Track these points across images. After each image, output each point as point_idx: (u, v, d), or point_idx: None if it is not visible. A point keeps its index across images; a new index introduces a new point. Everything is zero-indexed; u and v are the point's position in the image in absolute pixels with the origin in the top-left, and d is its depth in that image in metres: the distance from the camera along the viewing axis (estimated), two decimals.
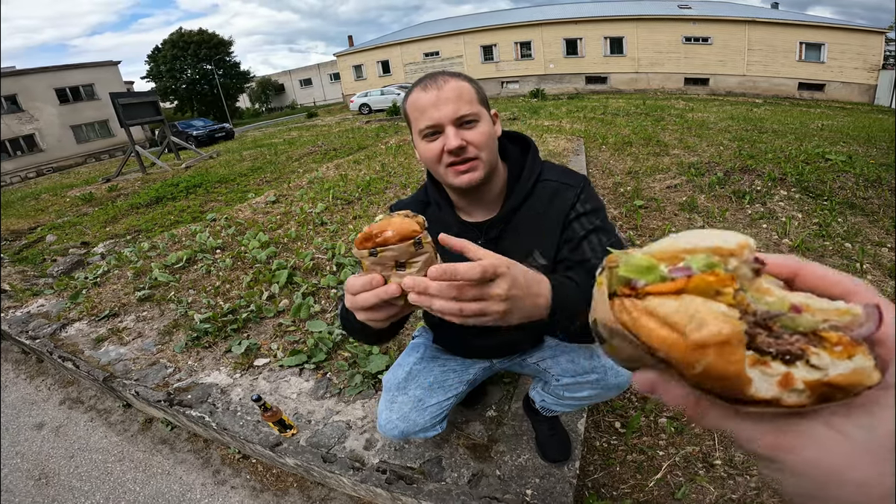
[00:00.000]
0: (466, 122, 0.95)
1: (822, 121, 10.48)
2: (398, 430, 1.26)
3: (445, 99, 0.93)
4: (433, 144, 0.96)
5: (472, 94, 0.96)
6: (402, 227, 0.65)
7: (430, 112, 0.94)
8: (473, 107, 0.95)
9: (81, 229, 6.01)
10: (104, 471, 1.95)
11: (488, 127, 0.98)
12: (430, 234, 0.73)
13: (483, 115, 0.97)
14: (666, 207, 3.98)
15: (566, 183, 1.06)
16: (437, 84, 0.94)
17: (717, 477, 1.52)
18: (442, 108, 0.93)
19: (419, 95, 0.96)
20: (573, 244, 1.01)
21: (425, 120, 0.95)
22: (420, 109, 0.95)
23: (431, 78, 0.97)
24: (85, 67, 26.02)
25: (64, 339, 2.83)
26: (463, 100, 0.94)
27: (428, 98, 0.94)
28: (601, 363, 1.13)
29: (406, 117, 1.02)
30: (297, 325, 2.59)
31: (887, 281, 2.56)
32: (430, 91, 0.94)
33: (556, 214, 1.04)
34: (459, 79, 0.97)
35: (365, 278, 0.67)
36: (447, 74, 0.97)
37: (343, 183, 5.76)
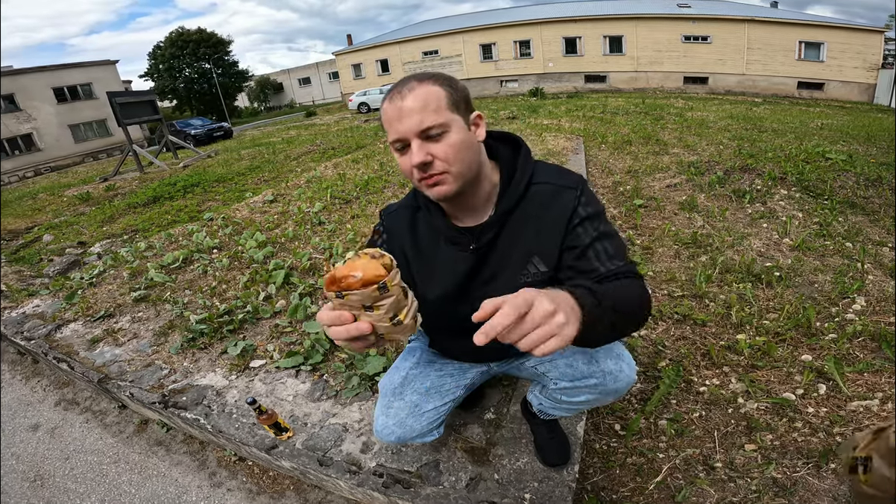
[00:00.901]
0: (432, 135, 0.89)
1: (822, 120, 10.46)
2: (395, 435, 1.24)
3: (409, 110, 0.88)
4: (403, 158, 0.93)
5: (441, 100, 0.89)
6: (367, 272, 0.66)
7: (395, 125, 0.90)
8: (440, 115, 0.88)
9: (78, 229, 5.98)
10: (99, 473, 1.93)
11: (460, 136, 0.91)
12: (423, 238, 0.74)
13: (453, 124, 0.90)
14: (666, 206, 3.96)
15: (564, 185, 1.01)
16: (402, 94, 0.89)
17: (717, 480, 1.50)
18: (405, 121, 0.88)
19: (387, 107, 0.92)
20: (578, 252, 0.97)
21: (392, 133, 0.91)
22: (387, 121, 0.92)
23: (399, 86, 0.91)
24: (83, 66, 25.96)
25: (59, 339, 2.81)
26: (428, 110, 0.88)
27: (392, 110, 0.90)
28: (600, 368, 1.10)
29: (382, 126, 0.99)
30: (293, 325, 2.57)
31: (888, 281, 2.54)
32: (394, 102, 0.90)
33: (555, 218, 0.99)
34: (429, 83, 0.90)
35: (334, 314, 0.71)
36: (417, 79, 0.91)
37: (341, 182, 5.74)
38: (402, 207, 1.15)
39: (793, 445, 1.59)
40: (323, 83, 46.57)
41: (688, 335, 2.23)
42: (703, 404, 1.81)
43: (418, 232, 1.11)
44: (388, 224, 1.16)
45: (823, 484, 1.44)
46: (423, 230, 1.11)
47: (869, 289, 2.46)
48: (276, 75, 51.34)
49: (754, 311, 2.34)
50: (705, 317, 2.32)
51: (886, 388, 1.77)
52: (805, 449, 1.56)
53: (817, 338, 2.09)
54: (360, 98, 23.78)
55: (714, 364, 2.01)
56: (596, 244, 0.97)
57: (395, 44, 30.64)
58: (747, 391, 1.83)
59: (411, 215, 1.13)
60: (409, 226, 1.12)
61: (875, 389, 1.77)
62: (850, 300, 2.37)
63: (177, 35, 37.39)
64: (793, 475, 1.48)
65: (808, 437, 1.61)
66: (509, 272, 1.04)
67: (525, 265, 1.03)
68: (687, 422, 1.74)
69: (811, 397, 1.77)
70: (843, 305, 2.34)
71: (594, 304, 0.72)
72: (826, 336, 2.09)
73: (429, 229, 1.10)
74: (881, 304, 2.32)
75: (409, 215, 1.13)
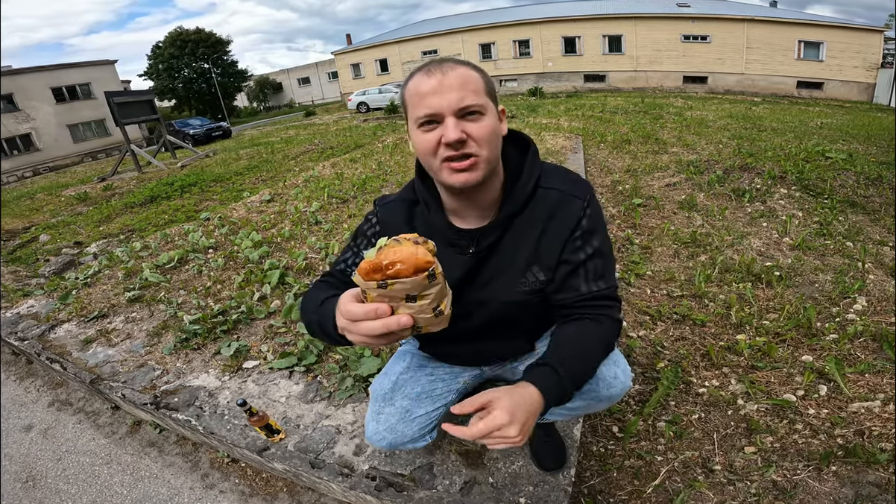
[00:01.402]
0: (469, 114, 0.85)
1: (822, 119, 10.45)
2: (386, 441, 1.21)
3: (449, 86, 0.83)
4: (429, 135, 0.86)
5: (480, 84, 0.87)
6: (416, 259, 0.61)
7: (431, 99, 0.84)
8: (480, 98, 0.86)
9: (75, 229, 5.96)
10: (91, 474, 1.91)
11: (493, 122, 0.88)
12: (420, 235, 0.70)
13: (489, 109, 0.88)
14: (665, 206, 3.94)
15: (573, 194, 0.97)
16: (443, 69, 0.85)
17: (716, 483, 1.48)
18: (445, 95, 0.83)
19: (421, 80, 0.86)
20: (571, 267, 0.97)
21: (424, 108, 0.85)
22: (420, 95, 0.85)
23: (437, 63, 0.87)
24: (82, 66, 25.91)
25: (52, 340, 2.78)
26: (468, 88, 0.84)
27: (430, 84, 0.84)
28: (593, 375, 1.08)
29: (403, 103, 0.92)
30: (287, 326, 2.54)
31: (889, 280, 2.52)
32: (433, 76, 0.84)
33: (559, 227, 0.96)
34: (468, 66, 0.88)
35: (368, 307, 0.66)
36: (454, 61, 0.88)
37: (339, 181, 5.71)
38: (398, 200, 1.09)
39: (793, 447, 1.56)
40: (322, 83, 46.54)
41: (687, 335, 2.20)
42: (703, 406, 1.79)
43: (415, 228, 1.06)
44: (382, 216, 1.10)
45: (824, 487, 1.42)
46: (420, 227, 1.06)
47: (870, 288, 2.44)
48: (275, 75, 51.29)
49: (754, 311, 2.31)
50: (705, 317, 2.29)
51: (888, 389, 1.74)
52: (806, 451, 1.54)
53: (818, 338, 2.07)
54: (360, 98, 23.76)
55: (713, 365, 1.99)
56: (588, 263, 0.96)
57: (394, 43, 30.63)
58: (747, 392, 1.81)
59: (408, 209, 1.07)
60: (405, 220, 1.07)
61: (876, 390, 1.75)
62: (850, 300, 2.35)
63: (176, 35, 37.35)
64: (793, 478, 1.46)
65: (808, 439, 1.59)
66: (507, 278, 1.01)
67: (524, 273, 1.00)
68: (686, 424, 1.72)
69: (812, 398, 1.75)
70: (844, 305, 2.31)
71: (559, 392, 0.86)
72: (827, 336, 2.07)
73: (426, 227, 1.04)
74: (882, 303, 2.30)
75: (406, 209, 1.07)
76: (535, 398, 0.81)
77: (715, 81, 23.57)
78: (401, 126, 12.56)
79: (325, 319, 0.87)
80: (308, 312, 0.96)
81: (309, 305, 0.97)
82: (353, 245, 1.12)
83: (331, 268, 1.13)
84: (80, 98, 25.62)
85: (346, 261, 1.11)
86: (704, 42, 23.36)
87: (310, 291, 1.04)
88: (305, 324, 0.98)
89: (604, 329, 0.96)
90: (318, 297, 0.95)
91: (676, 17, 23.42)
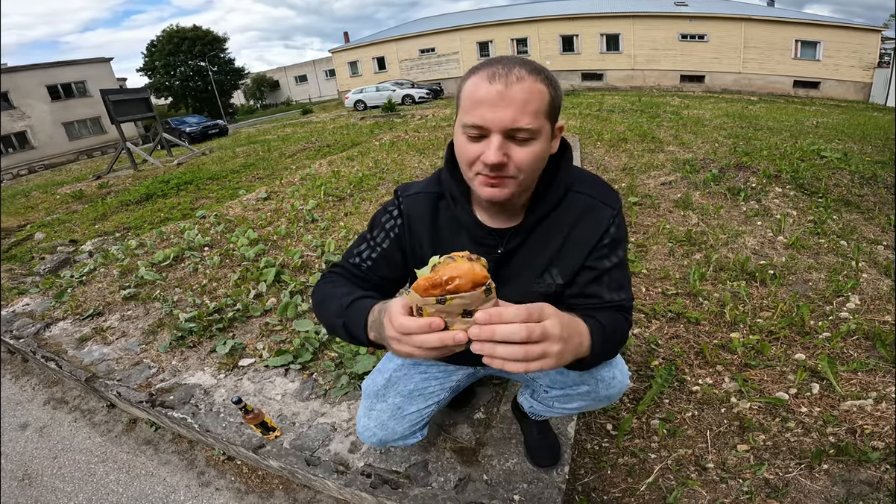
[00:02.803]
0: (519, 136, 0.78)
1: (817, 118, 10.48)
2: (376, 437, 1.21)
3: (509, 100, 0.75)
4: (472, 146, 0.81)
5: (544, 102, 0.79)
6: (474, 275, 0.62)
7: (483, 109, 0.77)
8: (537, 120, 0.78)
9: (70, 227, 5.94)
10: (87, 472, 1.91)
11: (543, 146, 0.82)
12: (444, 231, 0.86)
13: (543, 132, 0.81)
14: (660, 204, 3.95)
15: (603, 201, 0.95)
16: (508, 78, 0.76)
17: (709, 481, 1.49)
18: (499, 110, 0.76)
19: (480, 83, 0.78)
20: (595, 274, 0.96)
21: (473, 117, 0.78)
22: (474, 100, 0.78)
23: (505, 66, 0.77)
24: (77, 64, 25.79)
25: (48, 338, 2.78)
26: (528, 109, 0.76)
27: (489, 92, 0.76)
28: (592, 375, 1.06)
29: (457, 96, 0.85)
30: (283, 324, 2.54)
31: (883, 279, 2.53)
32: (495, 83, 0.76)
33: (586, 234, 0.95)
34: (537, 77, 0.78)
35: (423, 321, 0.64)
36: (525, 67, 0.78)
37: (335, 179, 5.70)
38: (423, 192, 1.04)
39: (785, 446, 1.57)
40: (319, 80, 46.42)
41: (681, 334, 2.21)
42: (696, 404, 1.80)
43: (439, 222, 1.02)
44: (406, 207, 1.04)
45: (816, 485, 1.43)
46: (445, 222, 1.02)
47: (863, 287, 2.46)
48: (272, 73, 51.10)
49: (748, 309, 2.33)
50: (699, 315, 2.30)
51: (880, 388, 1.76)
52: (798, 449, 1.55)
53: (811, 336, 2.08)
54: (357, 96, 23.71)
55: (707, 363, 2.00)
56: (613, 272, 0.96)
57: (391, 41, 30.56)
58: (740, 390, 1.82)
59: (433, 202, 1.02)
60: (430, 214, 1.02)
61: (869, 389, 1.76)
62: (844, 298, 2.36)
63: (172, 33, 37.16)
64: (785, 476, 1.47)
65: (800, 438, 1.60)
66: (525, 278, 1.00)
67: (543, 274, 0.99)
68: (679, 422, 1.73)
69: (804, 397, 1.76)
70: (838, 304, 2.33)
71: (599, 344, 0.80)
72: (820, 335, 2.08)
73: (452, 222, 1.01)
74: (875, 302, 2.32)
75: (432, 202, 1.02)
76: (584, 330, 0.77)
77: (712, 80, 23.61)
78: (398, 124, 12.55)
79: (355, 324, 0.85)
80: (331, 314, 0.92)
81: (331, 306, 0.94)
82: (369, 238, 1.07)
83: (342, 259, 1.09)
84: (76, 96, 25.50)
85: (360, 254, 1.06)
86: (702, 41, 23.39)
87: (324, 287, 1.02)
88: (327, 325, 0.95)
89: (620, 320, 0.94)
90: (338, 295, 0.93)
91: (674, 16, 23.44)
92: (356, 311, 0.86)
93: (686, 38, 23.53)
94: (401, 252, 1.05)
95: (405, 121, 13.42)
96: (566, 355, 0.68)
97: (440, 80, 28.07)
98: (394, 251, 1.04)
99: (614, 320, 0.91)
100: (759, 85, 22.79)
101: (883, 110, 16.07)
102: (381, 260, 1.05)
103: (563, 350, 0.66)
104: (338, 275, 1.05)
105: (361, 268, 1.05)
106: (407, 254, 1.05)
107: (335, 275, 1.05)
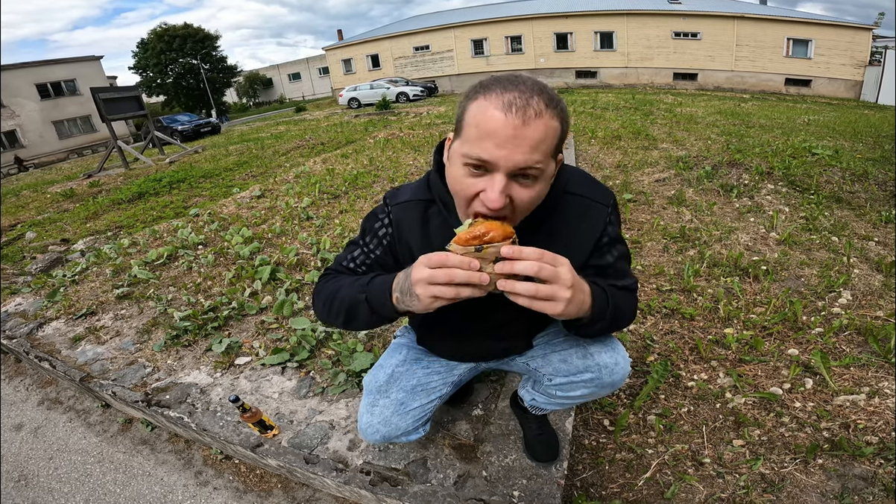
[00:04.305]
0: (525, 176, 0.75)
1: (809, 116, 10.56)
2: (379, 434, 1.21)
3: (523, 139, 0.70)
4: (470, 180, 0.77)
5: (556, 139, 0.75)
6: (504, 229, 0.73)
7: (491, 145, 0.71)
8: (545, 159, 0.75)
9: (62, 226, 5.87)
10: (84, 472, 1.90)
11: (545, 184, 0.80)
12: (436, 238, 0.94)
13: (549, 169, 0.78)
14: (654, 201, 3.97)
15: (597, 201, 0.96)
16: (526, 112, 0.70)
17: (706, 475, 1.50)
18: (511, 150, 0.71)
19: (493, 114, 0.71)
20: (599, 270, 1.00)
21: (480, 150, 0.73)
22: (483, 131, 0.72)
23: (522, 94, 0.71)
24: (67, 62, 25.58)
25: (41, 338, 2.75)
26: (540, 149, 0.72)
27: (502, 126, 0.70)
28: (595, 361, 1.07)
29: (460, 114, 0.78)
30: (279, 322, 2.53)
31: (874, 275, 2.56)
32: (510, 117, 0.70)
33: (585, 235, 0.97)
34: (553, 113, 0.73)
35: (463, 259, 0.72)
36: (544, 100, 0.72)
37: (330, 177, 5.69)
38: (412, 200, 1.01)
39: (780, 440, 1.59)
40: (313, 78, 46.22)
41: (676, 329, 2.23)
42: (692, 399, 1.81)
43: (430, 229, 0.99)
44: (396, 217, 1.02)
45: (811, 480, 1.44)
46: (436, 228, 0.99)
47: (855, 283, 2.48)
48: (265, 70, 50.81)
49: (741, 305, 2.34)
50: (693, 311, 2.32)
51: (873, 383, 1.78)
52: (792, 444, 1.57)
53: (804, 332, 2.10)
54: (351, 93, 23.64)
55: (702, 358, 2.01)
56: (616, 264, 1.00)
57: (386, 39, 30.46)
58: (735, 386, 1.83)
59: (423, 210, 1.00)
60: (420, 221, 1.00)
61: (861, 384, 1.78)
62: (836, 294, 2.38)
63: (162, 31, 36.82)
64: (781, 470, 1.48)
65: (795, 432, 1.61)
66: None
67: None
68: (675, 417, 1.74)
69: (798, 392, 1.78)
70: (830, 299, 2.35)
71: (602, 307, 0.87)
72: (812, 330, 2.10)
73: (443, 229, 0.97)
74: (867, 298, 2.34)
75: (421, 210, 1.00)
76: (587, 288, 0.82)
77: (705, 78, 23.74)
78: (392, 121, 12.52)
79: (380, 293, 0.88)
80: (350, 295, 0.95)
81: (349, 289, 0.96)
82: (362, 244, 1.07)
83: (334, 265, 1.10)
84: (66, 94, 25.29)
85: (354, 259, 1.07)
86: (695, 39, 23.51)
87: (330, 283, 1.04)
88: (346, 307, 0.96)
89: (630, 297, 1.00)
90: (352, 280, 0.98)
91: (668, 14, 23.54)
92: (379, 283, 0.90)
93: (679, 36, 23.64)
94: (393, 258, 1.06)
95: (400, 118, 13.39)
96: (573, 303, 0.75)
97: (434, 78, 28.05)
98: (387, 257, 1.06)
99: (622, 296, 0.97)
100: (752, 83, 22.94)
101: (874, 108, 16.22)
102: (376, 266, 1.06)
103: (571, 297, 0.74)
104: (338, 273, 1.07)
105: (357, 273, 1.06)
106: (399, 262, 1.05)
107: (335, 273, 1.08)
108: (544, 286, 0.72)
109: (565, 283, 0.73)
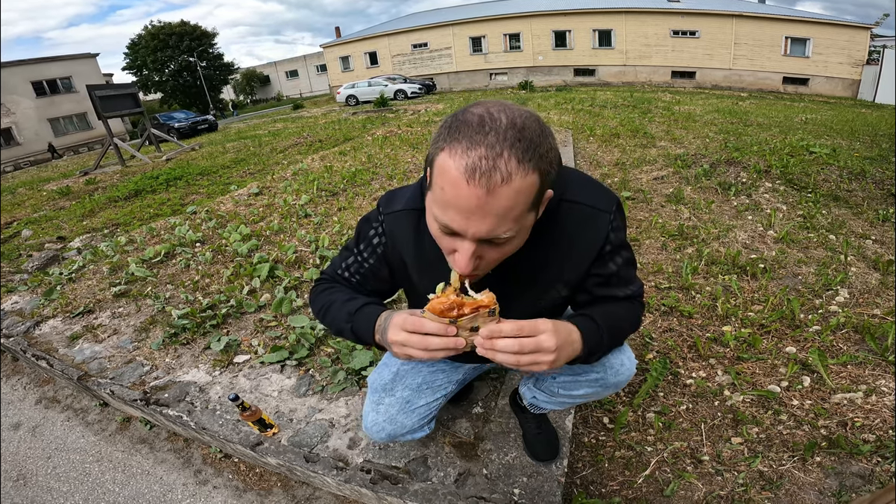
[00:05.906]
0: (497, 241, 0.71)
1: (807, 114, 10.58)
2: (385, 432, 1.21)
3: (487, 211, 0.64)
4: (446, 239, 0.74)
5: (529, 198, 0.67)
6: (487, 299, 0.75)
7: (455, 215, 0.67)
8: (517, 222, 0.68)
9: (58, 223, 5.84)
10: (82, 471, 1.89)
11: (524, 237, 0.76)
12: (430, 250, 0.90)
13: (524, 225, 0.72)
14: (653, 199, 3.97)
15: (599, 208, 0.89)
16: (491, 179, 0.61)
17: (705, 473, 1.51)
18: (476, 220, 0.65)
19: (457, 179, 0.63)
20: (602, 279, 0.96)
21: (446, 218, 0.69)
22: (447, 196, 0.66)
23: (490, 152, 0.61)
24: (62, 60, 25.45)
25: (38, 336, 2.74)
26: (509, 217, 0.66)
27: (465, 196, 0.63)
28: (601, 363, 1.06)
29: (430, 160, 0.70)
30: (278, 320, 2.53)
31: (871, 273, 2.57)
32: (472, 188, 0.62)
33: (587, 244, 0.91)
34: (528, 167, 0.63)
35: (440, 325, 0.75)
36: (515, 152, 0.62)
37: (328, 175, 5.67)
38: (406, 210, 0.96)
39: (778, 438, 1.60)
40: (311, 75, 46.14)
41: (674, 327, 2.23)
42: (690, 397, 1.82)
43: (424, 241, 0.94)
44: (389, 227, 0.99)
45: (809, 477, 1.45)
46: (430, 240, 0.89)
47: (852, 281, 2.49)
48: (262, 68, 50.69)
49: (739, 303, 2.35)
50: (692, 309, 2.32)
51: (870, 381, 1.79)
52: (790, 442, 1.57)
53: (801, 330, 2.11)
54: (349, 91, 23.58)
55: (700, 356, 2.02)
56: (620, 272, 0.96)
57: (384, 36, 30.39)
58: (733, 383, 1.84)
59: (416, 220, 0.94)
60: (413, 233, 0.96)
61: (859, 382, 1.79)
62: (833, 292, 2.39)
63: (156, 28, 36.66)
64: (779, 468, 1.49)
65: (793, 430, 1.62)
66: (529, 296, 0.98)
67: (547, 291, 0.98)
68: (674, 415, 1.75)
69: (796, 390, 1.78)
70: (827, 297, 2.36)
71: (596, 343, 0.88)
72: (810, 328, 2.11)
73: (437, 246, 0.92)
74: (864, 296, 2.35)
75: (415, 221, 0.95)
76: (576, 337, 0.84)
77: (703, 76, 23.78)
78: (391, 119, 12.50)
79: (364, 329, 0.93)
80: (338, 320, 1.00)
81: (338, 313, 1.00)
82: (356, 251, 1.06)
83: (330, 270, 1.11)
84: (62, 92, 25.17)
85: (348, 268, 1.08)
86: (693, 37, 23.54)
87: (323, 295, 1.07)
88: (334, 329, 1.02)
89: (632, 308, 1.01)
90: (342, 300, 1.01)
91: (666, 12, 23.56)
92: (364, 317, 0.94)
93: (678, 35, 23.67)
94: (388, 267, 1.06)
95: (398, 116, 13.36)
96: (559, 362, 0.79)
97: (433, 76, 28.01)
98: (381, 266, 1.06)
99: (624, 309, 0.99)
100: (749, 81, 22.98)
101: (871, 107, 16.27)
102: (370, 275, 1.07)
103: (555, 359, 0.77)
104: (336, 285, 1.09)
105: (351, 282, 1.09)
106: (393, 270, 1.06)
107: (333, 284, 1.10)
108: (526, 356, 0.75)
109: (548, 349, 0.75)
